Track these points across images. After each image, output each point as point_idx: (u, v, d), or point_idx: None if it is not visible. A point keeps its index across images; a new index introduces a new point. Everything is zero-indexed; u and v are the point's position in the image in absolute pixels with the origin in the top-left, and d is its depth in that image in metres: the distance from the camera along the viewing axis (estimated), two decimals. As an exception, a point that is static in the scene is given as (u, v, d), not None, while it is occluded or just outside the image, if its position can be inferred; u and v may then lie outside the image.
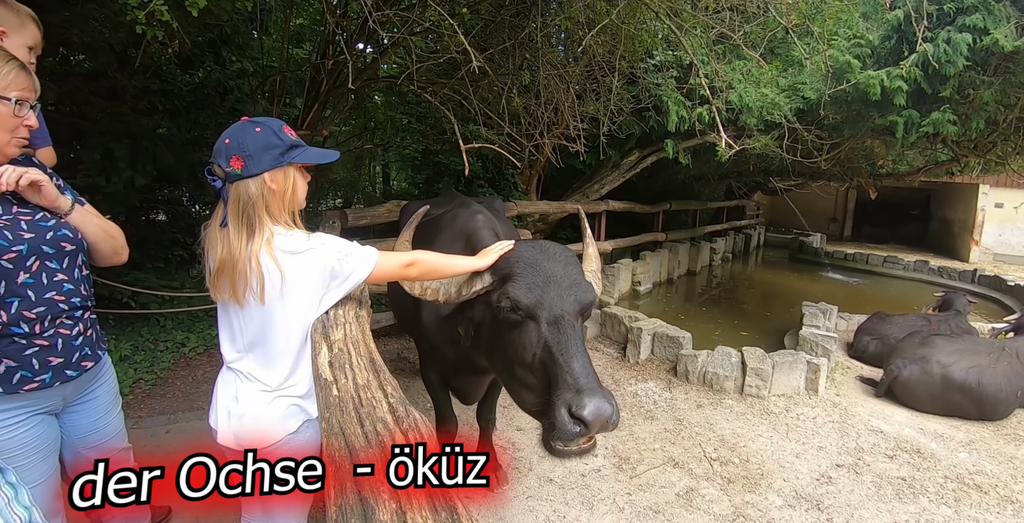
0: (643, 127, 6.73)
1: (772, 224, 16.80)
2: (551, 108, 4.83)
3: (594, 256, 2.22)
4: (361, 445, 0.88)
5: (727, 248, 11.39)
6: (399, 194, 10.25)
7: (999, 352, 4.16)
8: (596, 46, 4.86)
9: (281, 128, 1.48)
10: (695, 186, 10.14)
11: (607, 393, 1.55)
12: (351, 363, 1.23)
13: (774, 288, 9.38)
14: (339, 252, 1.51)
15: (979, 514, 2.95)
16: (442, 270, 1.77)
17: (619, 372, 4.37)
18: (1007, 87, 4.95)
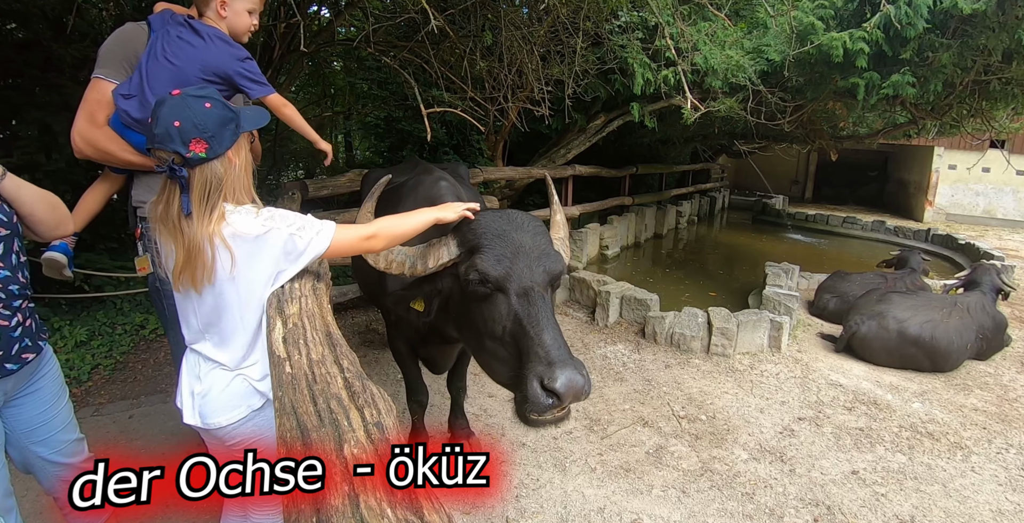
0: (609, 90, 6.63)
1: (737, 187, 17.04)
2: (514, 70, 4.69)
3: (561, 223, 2.18)
4: (313, 424, 0.83)
5: (693, 211, 11.53)
6: (363, 163, 9.99)
7: (951, 307, 4.34)
8: (560, 6, 4.71)
9: (222, 97, 1.40)
10: (661, 150, 10.15)
11: (578, 364, 1.54)
12: (305, 338, 1.17)
13: (739, 249, 9.57)
14: (292, 227, 1.43)
15: (931, 460, 3.11)
16: (406, 233, 1.68)
17: (588, 335, 4.41)
18: (964, 50, 4.98)
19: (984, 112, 6.84)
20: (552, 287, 1.77)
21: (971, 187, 14.97)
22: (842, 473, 2.88)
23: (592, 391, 3.39)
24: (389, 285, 2.41)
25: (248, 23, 2.08)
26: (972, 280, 4.79)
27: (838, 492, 2.74)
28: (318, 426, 0.81)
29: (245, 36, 2.11)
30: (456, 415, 3.04)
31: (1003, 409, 3.79)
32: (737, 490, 2.71)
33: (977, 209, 15.17)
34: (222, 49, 1.96)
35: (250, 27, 2.10)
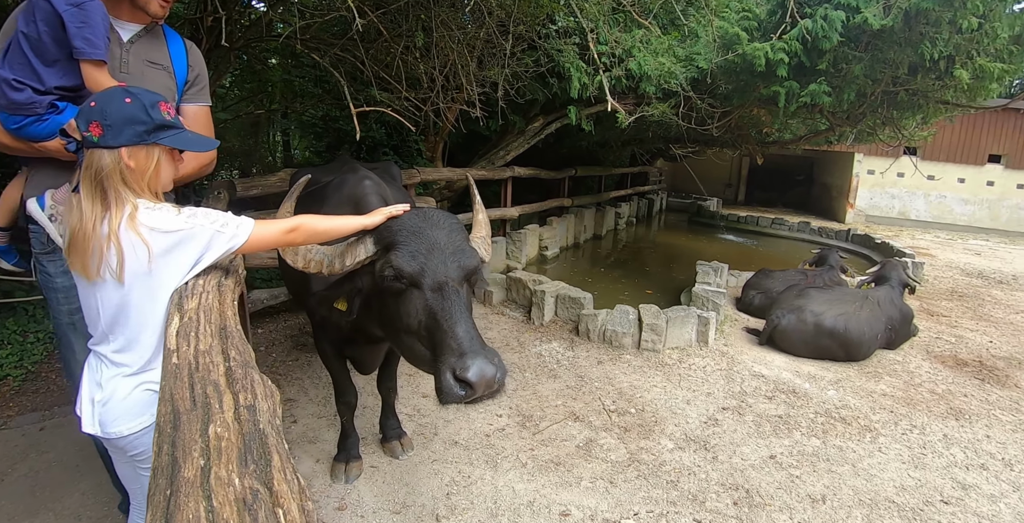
0: (546, 93, 6.74)
1: (674, 189, 17.66)
2: (445, 71, 4.69)
3: (483, 222, 2.23)
4: (186, 408, 0.81)
5: (631, 212, 11.86)
6: (301, 162, 9.73)
7: (863, 301, 4.64)
8: (496, 8, 4.75)
9: (156, 105, 1.37)
10: (599, 153, 10.39)
11: (491, 354, 1.60)
12: (197, 331, 1.14)
13: (675, 249, 9.90)
14: (216, 223, 1.41)
15: (843, 443, 3.30)
16: (329, 233, 1.70)
17: (524, 334, 4.46)
18: (875, 62, 5.28)
19: (895, 121, 7.33)
20: (468, 282, 1.81)
21: (887, 191, 16.08)
22: (761, 458, 3.02)
23: (526, 388, 3.45)
24: (313, 286, 2.37)
25: None
26: (882, 275, 5.14)
27: (756, 476, 2.87)
28: (190, 410, 0.81)
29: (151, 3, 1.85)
30: (387, 416, 3.01)
31: (909, 393, 4.07)
32: (662, 478, 2.80)
33: (893, 211, 16.29)
34: None
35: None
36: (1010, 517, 2.77)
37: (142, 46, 1.97)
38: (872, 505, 2.74)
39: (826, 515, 2.64)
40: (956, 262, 10.33)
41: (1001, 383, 4.48)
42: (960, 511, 2.77)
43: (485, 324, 4.68)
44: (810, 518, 2.61)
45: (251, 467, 0.68)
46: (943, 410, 3.87)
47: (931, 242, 12.99)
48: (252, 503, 0.62)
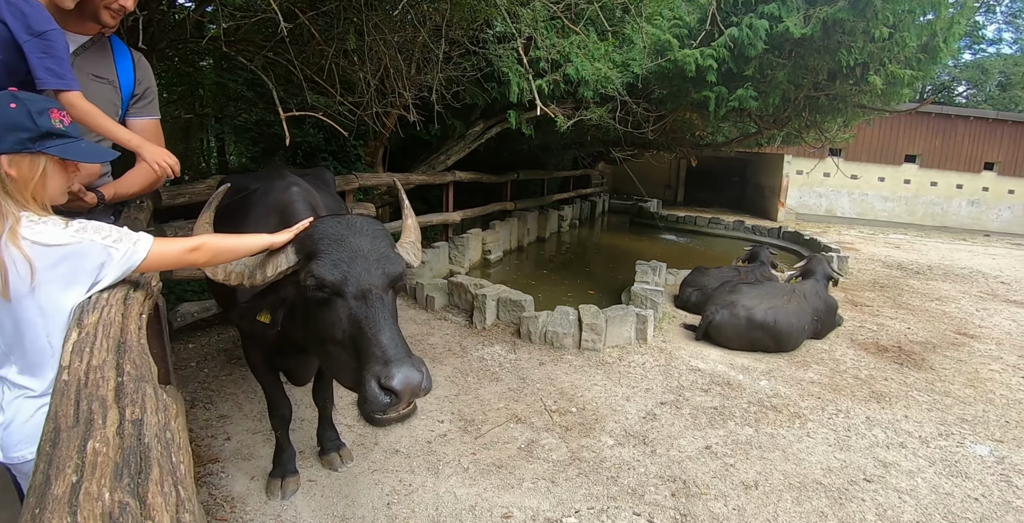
0: (486, 98, 6.77)
1: (615, 191, 18.11)
2: (378, 75, 4.64)
3: (412, 227, 2.22)
4: (67, 425, 0.77)
5: (574, 215, 12.08)
6: (236, 168, 9.40)
7: (790, 294, 4.87)
8: (433, 13, 4.74)
9: (45, 112, 1.30)
10: (541, 156, 10.53)
11: (416, 361, 1.58)
12: (93, 346, 1.09)
13: (617, 250, 10.13)
14: (107, 239, 1.33)
15: (774, 430, 3.45)
16: (234, 251, 1.67)
17: (467, 339, 4.45)
18: (797, 69, 5.57)
19: (818, 124, 7.74)
20: (394, 289, 1.79)
21: (815, 190, 17.00)
22: (697, 449, 3.12)
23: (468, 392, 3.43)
24: (240, 297, 2.30)
25: None
26: (808, 270, 5.42)
27: (693, 467, 2.96)
28: (71, 426, 0.77)
29: (68, 0, 1.71)
30: (325, 427, 2.94)
31: (835, 380, 4.30)
32: (603, 475, 2.84)
33: (820, 209, 17.22)
34: (15, 13, 1.60)
35: None
36: (926, 490, 2.95)
37: (87, 59, 1.86)
38: (801, 487, 2.87)
39: (758, 500, 2.75)
40: (878, 255, 11.00)
41: (918, 366, 4.80)
42: (882, 488, 2.94)
43: (427, 330, 4.64)
44: (744, 504, 2.71)
45: (125, 481, 0.65)
46: (866, 394, 4.10)
47: (855, 237, 13.79)
48: (119, 516, 0.60)
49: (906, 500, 2.85)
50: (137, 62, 2.06)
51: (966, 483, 3.06)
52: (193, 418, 3.26)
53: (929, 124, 17.20)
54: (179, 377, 3.73)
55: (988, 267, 10.86)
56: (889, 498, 2.86)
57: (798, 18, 5.17)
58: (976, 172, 17.76)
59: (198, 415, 3.29)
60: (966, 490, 2.99)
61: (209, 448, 2.98)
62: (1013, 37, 32.34)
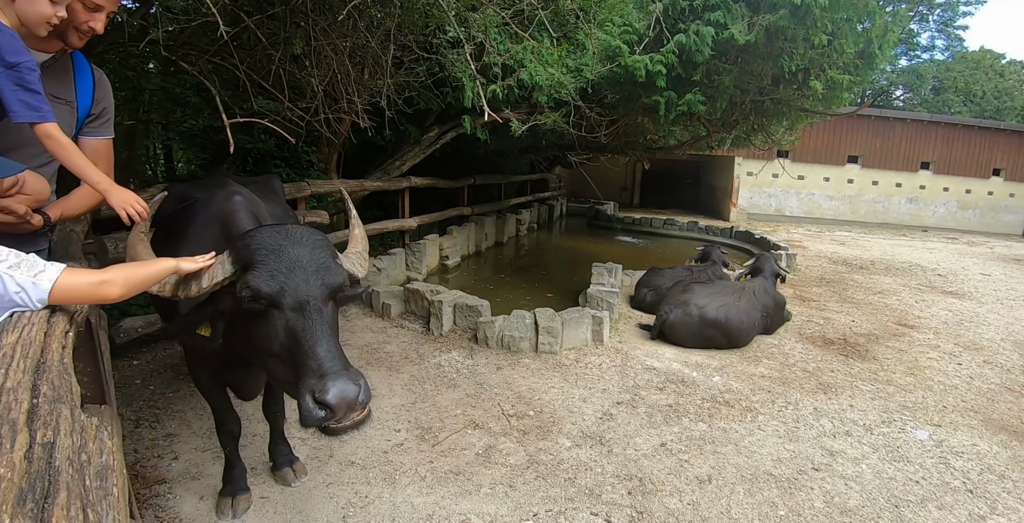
0: (440, 103, 6.75)
1: (573, 195, 18.34)
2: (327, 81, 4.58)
3: (359, 237, 2.20)
4: None
5: (532, 219, 12.16)
6: (185, 176, 9.10)
7: (740, 292, 5.02)
8: (385, 18, 4.71)
9: None
10: (498, 161, 10.56)
11: (353, 374, 1.56)
12: (9, 367, 1.03)
13: (575, 253, 10.24)
14: (3, 264, 1.25)
15: (727, 424, 3.54)
16: (144, 278, 1.59)
17: (424, 346, 4.42)
18: (742, 74, 5.71)
19: (765, 127, 8.00)
20: (334, 300, 1.77)
21: (765, 190, 17.59)
22: (652, 447, 3.17)
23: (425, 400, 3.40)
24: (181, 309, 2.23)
25: (45, 13, 1.61)
26: (756, 268, 5.60)
27: (649, 464, 3.00)
28: None
29: (41, 28, 1.64)
30: (277, 442, 2.86)
31: (784, 373, 4.45)
32: (560, 476, 2.86)
33: (770, 208, 17.82)
34: None
35: (50, 18, 1.63)
36: (871, 476, 3.08)
37: (48, 78, 1.77)
38: (752, 479, 2.95)
39: (712, 494, 2.81)
40: (824, 252, 11.45)
41: (862, 357, 5.01)
42: (829, 476, 3.05)
43: (384, 338, 4.58)
44: (698, 498, 2.77)
45: (28, 506, 0.62)
46: (813, 386, 4.26)
47: (803, 235, 14.32)
48: (18, 543, 0.57)
49: (852, 486, 2.96)
50: (98, 81, 1.99)
51: (907, 467, 3.20)
52: (138, 438, 3.13)
53: (869, 126, 18.06)
54: (122, 396, 3.58)
55: (926, 261, 11.44)
56: (836, 485, 2.96)
57: (742, 25, 5.32)
58: (913, 171, 18.71)
59: (143, 435, 3.17)
60: (907, 473, 3.13)
61: (155, 469, 2.86)
62: (944, 44, 34.36)
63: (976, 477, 3.15)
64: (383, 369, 4.04)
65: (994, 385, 4.60)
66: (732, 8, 5.41)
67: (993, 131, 19.05)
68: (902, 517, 2.74)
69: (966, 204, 19.16)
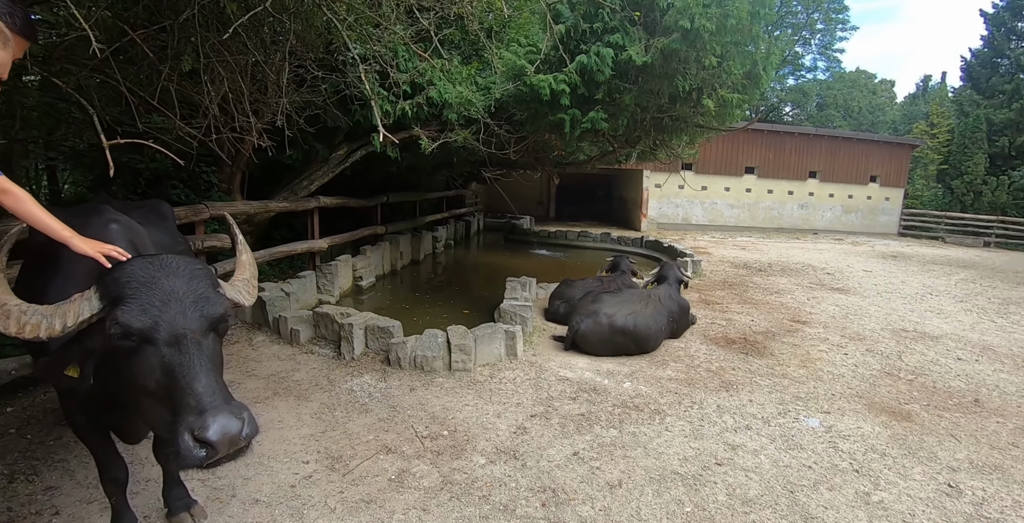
0: (348, 120, 6.66)
1: (490, 210, 18.55)
2: (219, 99, 4.40)
3: (247, 263, 2.12)
4: None
5: (449, 235, 12.15)
6: (71, 199, 8.37)
7: (647, 299, 5.25)
8: (288, 34, 4.59)
9: None
10: (412, 178, 10.49)
11: (236, 408, 1.50)
12: None
13: (492, 268, 10.32)
14: None
15: (636, 428, 3.66)
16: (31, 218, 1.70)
17: (335, 371, 4.29)
18: (642, 93, 6.00)
19: (666, 142, 8.45)
20: (216, 332, 1.70)
21: (672, 201, 18.57)
22: (565, 457, 3.23)
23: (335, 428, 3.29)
24: (52, 347, 2.06)
25: None
26: (661, 275, 5.88)
27: (562, 475, 3.05)
28: None
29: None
30: (171, 485, 2.66)
31: (690, 375, 4.67)
32: (475, 495, 2.85)
33: (678, 218, 18.84)
34: None
35: None
36: (769, 465, 3.27)
37: None
38: (660, 480, 3.06)
39: (622, 497, 2.89)
40: (727, 257, 12.20)
41: (760, 354, 5.36)
42: (731, 469, 3.21)
43: (292, 366, 4.40)
44: (609, 504, 2.84)
45: None
46: (717, 384, 4.50)
47: (708, 242, 15.21)
48: None
49: (752, 477, 3.14)
50: None
51: (801, 454, 3.44)
52: (13, 494, 2.82)
53: (763, 140, 19.63)
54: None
55: (817, 261, 12.46)
56: (737, 477, 3.13)
57: (640, 48, 5.63)
58: (803, 180, 20.47)
59: (19, 490, 2.86)
60: (801, 460, 3.36)
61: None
62: (825, 65, 38.12)
63: (861, 457, 3.44)
64: (291, 398, 3.88)
65: (875, 371, 5.07)
66: (630, 31, 5.72)
67: (869, 142, 21.29)
68: (797, 501, 2.93)
69: (849, 208, 21.14)
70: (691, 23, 5.03)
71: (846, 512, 2.85)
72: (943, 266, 12.93)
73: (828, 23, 35.35)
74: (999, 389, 4.76)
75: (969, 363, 5.47)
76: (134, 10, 4.06)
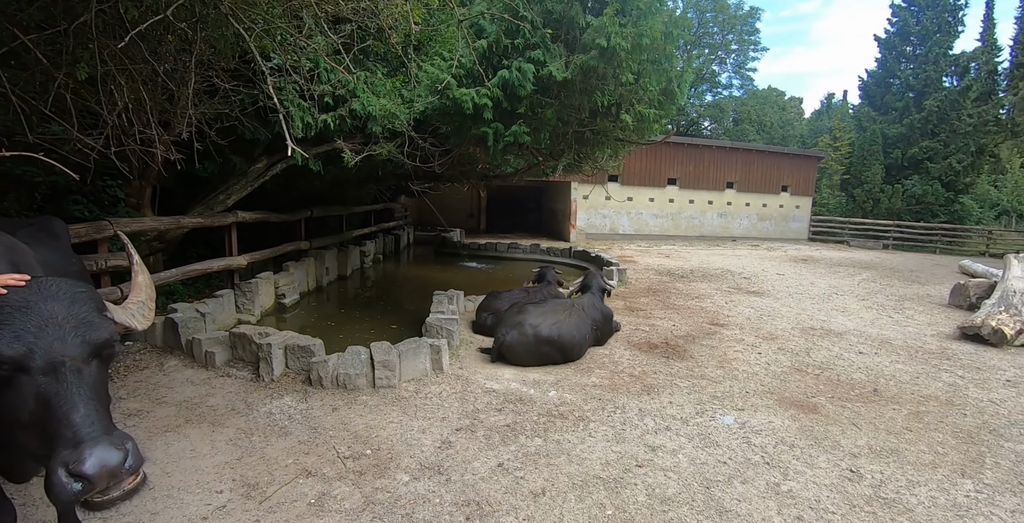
0: (268, 132, 6.45)
1: (420, 223, 18.45)
2: (119, 109, 4.18)
3: (143, 285, 2.02)
4: None
5: (378, 250, 11.95)
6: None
7: (571, 308, 5.37)
8: (200, 43, 4.41)
9: None
10: (337, 191, 10.26)
11: (118, 438, 1.43)
12: None
13: (422, 282, 10.23)
14: None
15: (561, 436, 3.71)
16: None
17: (252, 394, 4.11)
18: (563, 108, 6.17)
19: (589, 155, 8.71)
20: (100, 358, 1.60)
21: (599, 211, 19.12)
22: (490, 469, 3.24)
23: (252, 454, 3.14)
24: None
25: None
26: (585, 285, 6.04)
27: (486, 487, 3.06)
28: None
29: None
30: (66, 526, 2.47)
31: (614, 380, 4.80)
32: (398, 513, 2.80)
33: (606, 228, 19.41)
34: None
35: None
36: (687, 464, 3.41)
37: None
38: (583, 485, 3.12)
39: (546, 505, 2.93)
40: (652, 265, 12.67)
41: (681, 357, 5.58)
42: (651, 470, 3.32)
43: (207, 391, 4.19)
44: (533, 513, 2.87)
45: None
46: (639, 388, 4.65)
47: (634, 251, 15.74)
48: None
49: (671, 476, 3.26)
50: None
51: (717, 450, 3.60)
52: None
53: (684, 152, 20.65)
54: None
55: (735, 266, 13.16)
56: (657, 478, 3.24)
57: (560, 64, 5.79)
58: (721, 190, 21.64)
59: None
60: (717, 457, 3.52)
61: None
62: (740, 83, 40.65)
63: (772, 450, 3.64)
64: (205, 425, 3.68)
65: (786, 368, 5.40)
66: (551, 47, 5.88)
67: (780, 155, 22.84)
68: (712, 496, 3.07)
69: (764, 216, 22.53)
70: (607, 41, 5.24)
71: (758, 503, 3.02)
72: (847, 268, 13.99)
73: (741, 44, 37.80)
74: (895, 379, 5.19)
75: (869, 356, 5.94)
76: (28, 11, 3.80)
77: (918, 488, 3.23)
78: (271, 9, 4.32)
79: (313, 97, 6.17)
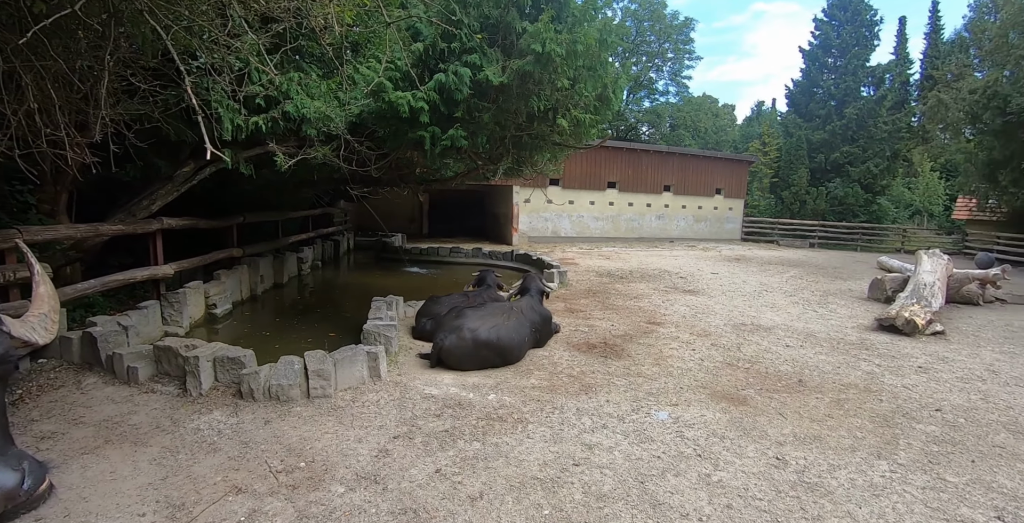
0: (195, 134, 6.17)
1: (360, 228, 18.12)
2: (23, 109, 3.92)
3: (45, 296, 1.92)
4: None
5: (316, 256, 11.64)
6: None
7: (509, 312, 5.42)
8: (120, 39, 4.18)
9: None
10: (272, 196, 9.95)
11: (13, 457, 1.35)
12: None
13: (362, 288, 10.05)
14: None
15: (499, 439, 3.73)
16: None
17: (179, 410, 3.92)
18: (500, 112, 6.21)
19: (528, 159, 8.80)
20: None
21: (541, 215, 19.35)
22: (427, 475, 3.22)
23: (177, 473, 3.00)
24: None
25: None
26: (524, 287, 6.11)
27: (423, 494, 3.04)
28: None
29: None
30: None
31: (553, 382, 4.87)
32: (332, 526, 2.75)
33: (548, 231, 19.66)
34: None
35: None
36: (622, 460, 3.49)
37: None
38: (520, 487, 3.15)
39: (484, 509, 2.94)
40: (592, 267, 12.93)
41: (619, 356, 5.72)
42: (587, 468, 3.37)
43: (129, 408, 3.96)
44: (471, 517, 2.87)
45: None
46: (577, 388, 4.73)
47: (576, 253, 16.02)
48: None
49: (607, 473, 3.33)
50: None
51: (651, 446, 3.71)
52: None
53: (623, 157, 21.21)
54: None
55: (672, 266, 13.61)
56: (593, 475, 3.30)
57: (497, 68, 5.83)
58: (659, 193, 22.37)
59: None
60: (651, 452, 3.62)
61: None
62: (676, 90, 42.13)
63: (704, 442, 3.79)
64: (127, 445, 3.49)
65: (718, 363, 5.63)
66: (487, 52, 5.92)
67: (714, 159, 23.88)
68: (647, 490, 3.16)
69: (699, 218, 23.45)
70: (543, 47, 5.33)
71: (690, 494, 3.13)
72: (777, 266, 14.75)
73: (677, 53, 39.18)
74: (819, 369, 5.52)
75: (795, 349, 6.28)
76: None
77: (838, 471, 3.45)
78: (194, 6, 4.16)
79: (244, 98, 5.97)
